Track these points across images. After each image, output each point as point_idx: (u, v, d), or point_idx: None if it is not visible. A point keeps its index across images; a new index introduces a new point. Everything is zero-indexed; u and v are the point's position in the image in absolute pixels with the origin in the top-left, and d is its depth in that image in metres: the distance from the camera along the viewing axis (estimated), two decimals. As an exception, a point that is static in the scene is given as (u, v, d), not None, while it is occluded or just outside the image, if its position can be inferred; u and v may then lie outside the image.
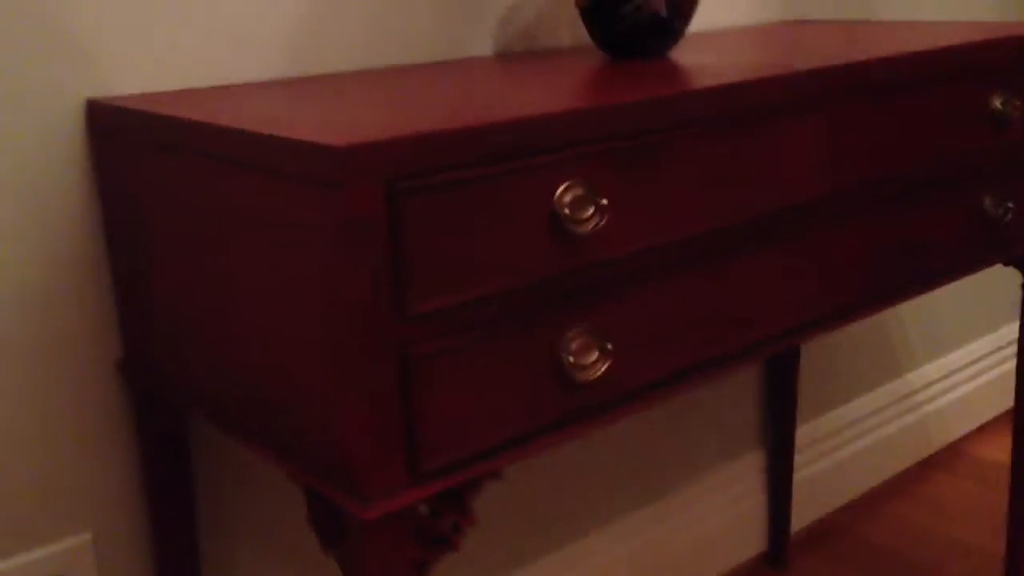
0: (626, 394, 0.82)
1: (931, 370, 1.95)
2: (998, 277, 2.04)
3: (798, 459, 1.70)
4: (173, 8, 0.95)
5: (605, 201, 0.76)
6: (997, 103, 1.10)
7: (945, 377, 1.99)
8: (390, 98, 0.83)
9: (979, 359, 2.06)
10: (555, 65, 1.04)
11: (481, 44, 1.18)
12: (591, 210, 0.75)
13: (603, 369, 0.79)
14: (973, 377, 2.05)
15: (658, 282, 0.83)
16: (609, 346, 0.79)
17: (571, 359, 0.77)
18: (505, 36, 1.20)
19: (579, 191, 0.75)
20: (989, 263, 1.17)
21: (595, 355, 0.78)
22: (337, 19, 1.06)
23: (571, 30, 1.26)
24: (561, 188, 0.74)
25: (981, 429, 2.06)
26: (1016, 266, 1.25)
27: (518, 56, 1.16)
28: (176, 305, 0.86)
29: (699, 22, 1.39)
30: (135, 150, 0.86)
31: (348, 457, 0.69)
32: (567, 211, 0.74)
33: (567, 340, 0.76)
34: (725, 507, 1.61)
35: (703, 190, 0.84)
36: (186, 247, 0.82)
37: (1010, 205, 1.14)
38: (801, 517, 1.73)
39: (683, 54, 1.08)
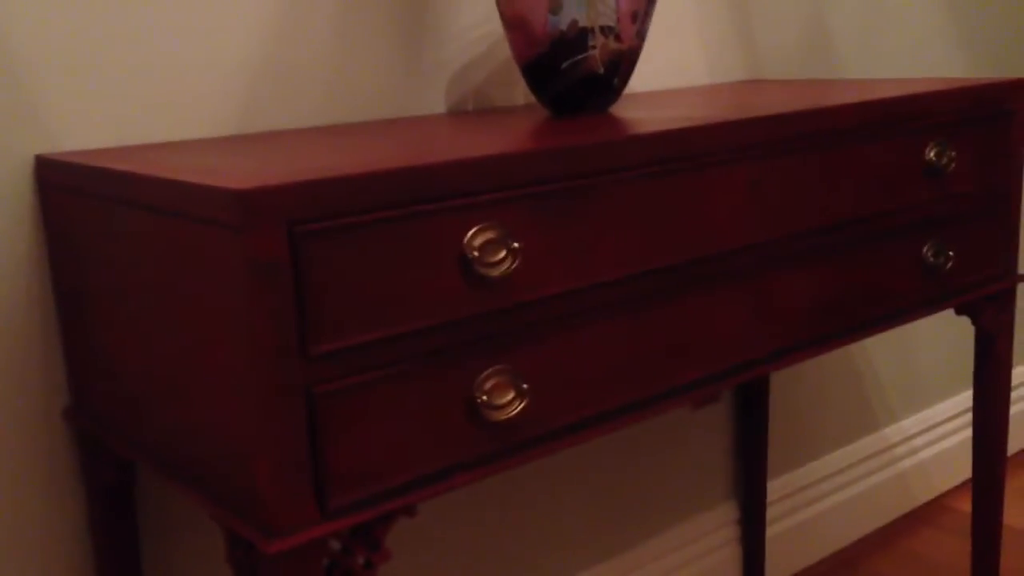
0: (544, 434, 0.84)
1: (911, 424, 1.95)
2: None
3: (772, 512, 1.70)
4: (125, 66, 0.99)
5: (518, 244, 0.79)
6: (932, 154, 1.12)
7: (926, 430, 1.98)
8: (320, 149, 0.87)
9: (962, 412, 2.06)
10: (498, 121, 1.08)
11: (435, 102, 1.22)
12: (503, 253, 0.78)
13: (519, 409, 0.81)
14: (956, 431, 2.04)
15: (578, 324, 0.85)
16: (525, 386, 0.81)
17: (485, 398, 0.79)
18: (458, 94, 1.24)
19: (491, 235, 0.77)
20: (935, 310, 1.18)
21: (511, 395, 0.80)
22: (292, 77, 1.11)
23: (525, 89, 1.30)
24: (471, 232, 0.77)
25: (965, 483, 2.05)
26: (967, 314, 1.26)
27: (469, 114, 1.20)
28: (116, 352, 0.89)
29: (657, 80, 1.43)
30: (79, 202, 0.90)
31: (259, 493, 0.71)
32: (476, 254, 0.76)
33: (481, 380, 0.79)
34: (697, 559, 1.60)
35: (627, 235, 0.87)
36: (122, 295, 0.85)
37: (950, 253, 1.16)
38: (776, 571, 1.72)
39: (624, 109, 1.11)
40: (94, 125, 0.98)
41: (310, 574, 0.72)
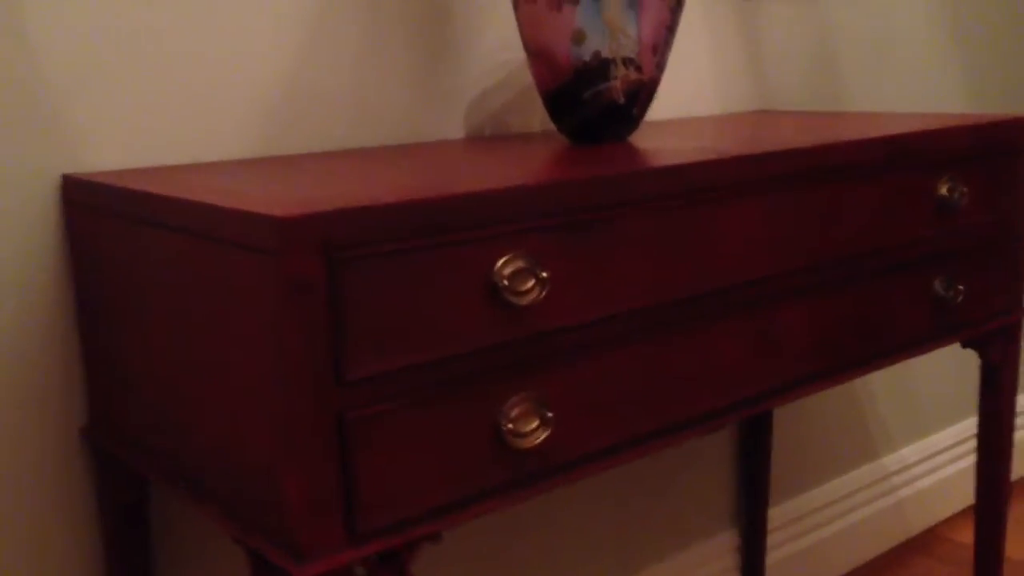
0: (567, 462, 0.84)
1: (910, 453, 1.96)
2: (977, 360, 2.05)
3: (772, 539, 1.71)
4: (153, 87, 1.00)
5: (546, 274, 0.80)
6: (944, 190, 1.14)
7: (925, 460, 1.99)
8: (347, 175, 0.88)
9: (961, 441, 2.07)
10: (517, 148, 1.09)
11: (453, 127, 1.23)
12: (531, 282, 0.79)
13: (543, 437, 0.81)
14: (954, 460, 2.05)
15: (601, 353, 0.86)
16: (550, 414, 0.82)
17: (511, 426, 0.79)
18: (476, 120, 1.25)
19: (520, 263, 0.78)
20: (942, 344, 1.20)
21: (535, 423, 0.81)
22: (315, 101, 1.12)
23: (542, 116, 1.31)
24: (501, 260, 0.77)
25: (962, 513, 2.06)
26: (974, 347, 1.28)
27: (486, 140, 1.21)
28: (138, 371, 0.89)
29: (668, 110, 1.45)
30: (104, 222, 0.90)
31: (287, 517, 0.71)
32: (506, 283, 0.77)
33: (507, 407, 0.79)
34: (698, 587, 1.61)
35: (648, 266, 0.88)
36: (147, 315, 0.86)
37: (960, 287, 1.18)
38: (777, 599, 1.73)
39: (643, 139, 1.13)
40: (120, 145, 0.99)
41: (337, 599, 0.72)
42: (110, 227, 0.89)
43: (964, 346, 1.27)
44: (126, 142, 0.99)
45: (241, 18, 1.05)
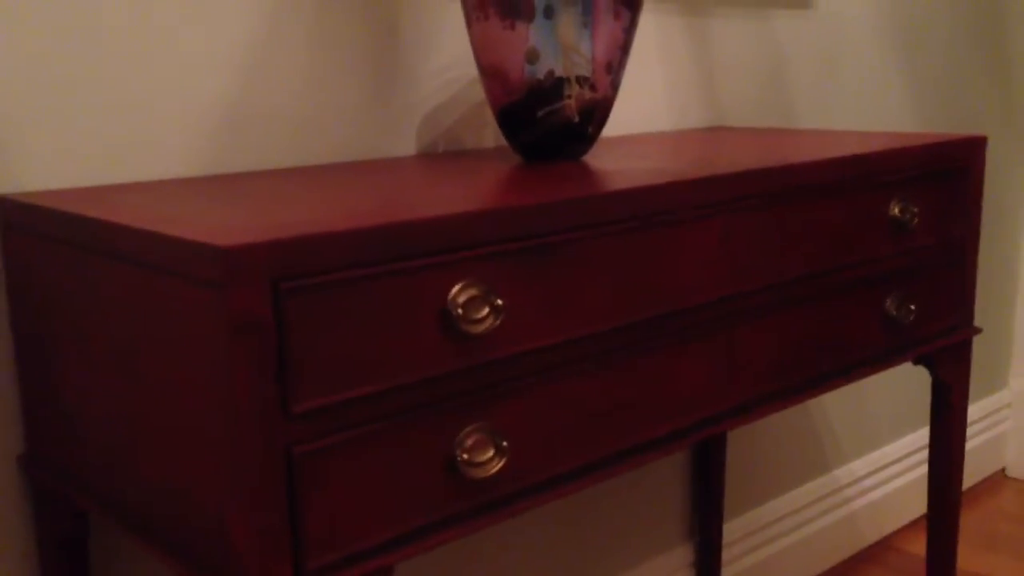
0: (523, 491, 0.83)
1: (860, 465, 1.97)
2: (927, 372, 2.08)
3: (727, 554, 1.71)
4: (92, 105, 0.97)
5: (501, 301, 0.78)
6: (896, 210, 1.14)
7: (876, 471, 2.01)
8: (294, 199, 0.85)
9: (911, 453, 2.09)
10: (469, 167, 1.07)
11: (405, 144, 1.21)
12: (486, 310, 0.77)
13: (499, 466, 0.80)
14: (904, 472, 2.07)
15: (557, 380, 0.84)
16: (505, 444, 0.80)
17: (465, 456, 0.77)
18: (429, 136, 1.24)
19: (474, 291, 0.77)
20: (896, 362, 1.20)
21: (490, 452, 0.79)
22: (261, 118, 1.09)
23: (495, 131, 1.30)
24: (455, 288, 0.76)
25: (913, 524, 2.08)
26: (925, 365, 1.29)
27: (438, 157, 1.19)
28: (78, 402, 0.86)
29: (622, 126, 1.44)
30: (41, 246, 0.87)
31: (233, 555, 0.69)
32: (460, 311, 0.75)
33: (461, 437, 0.77)
34: (653, 604, 1.60)
35: (605, 290, 0.87)
36: (87, 344, 0.83)
37: (912, 307, 1.18)
38: (731, 614, 1.73)
39: (596, 158, 1.12)
40: (59, 165, 0.95)
41: (285, 639, 0.70)
42: (48, 251, 0.86)
43: (915, 363, 1.28)
44: (66, 161, 0.96)
45: (184, 34, 1.02)
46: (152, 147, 1.01)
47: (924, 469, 2.12)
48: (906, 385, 2.06)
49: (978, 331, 1.29)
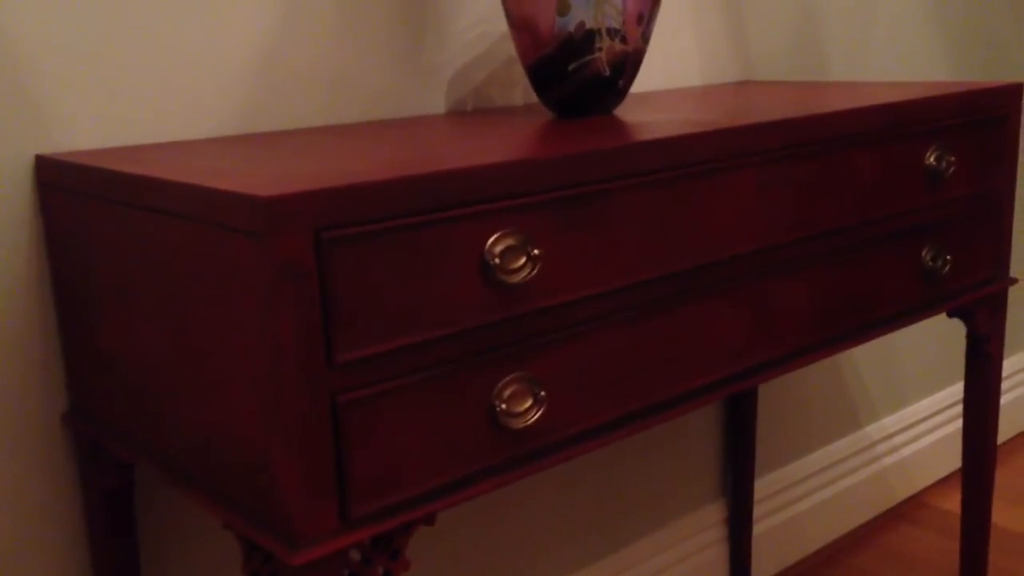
0: (561, 441, 0.83)
1: (892, 422, 1.97)
2: (959, 327, 2.07)
3: (759, 510, 1.71)
4: (127, 65, 0.97)
5: (538, 251, 0.78)
6: (932, 159, 1.13)
7: (907, 428, 2.00)
8: (331, 152, 0.86)
9: (942, 410, 2.08)
10: (501, 123, 1.07)
11: (435, 102, 1.21)
12: (523, 260, 0.78)
13: (536, 416, 0.80)
14: (935, 428, 2.07)
15: (593, 331, 0.85)
16: (543, 393, 0.81)
17: (504, 406, 0.78)
18: (458, 94, 1.23)
19: (511, 241, 0.77)
20: (931, 313, 1.19)
21: (529, 402, 0.80)
22: (293, 78, 1.09)
23: (524, 89, 1.29)
24: (492, 238, 0.76)
25: (944, 480, 2.08)
26: (960, 317, 1.28)
27: (469, 114, 1.19)
28: (121, 355, 0.87)
29: (653, 82, 1.43)
30: (81, 204, 0.88)
31: (280, 504, 0.70)
32: (497, 261, 0.76)
33: (500, 387, 0.78)
34: (686, 558, 1.61)
35: (640, 241, 0.87)
36: (130, 298, 0.84)
37: (948, 257, 1.17)
38: (762, 568, 1.73)
39: (627, 111, 1.11)
40: (95, 124, 0.96)
41: (331, 584, 0.71)
42: (87, 209, 0.87)
43: (950, 316, 1.27)
44: (101, 121, 0.96)
45: (217, -9, 1.03)
46: (184, 107, 1.02)
47: (955, 425, 2.11)
48: (937, 341, 2.05)
49: (1014, 281, 1.28)
